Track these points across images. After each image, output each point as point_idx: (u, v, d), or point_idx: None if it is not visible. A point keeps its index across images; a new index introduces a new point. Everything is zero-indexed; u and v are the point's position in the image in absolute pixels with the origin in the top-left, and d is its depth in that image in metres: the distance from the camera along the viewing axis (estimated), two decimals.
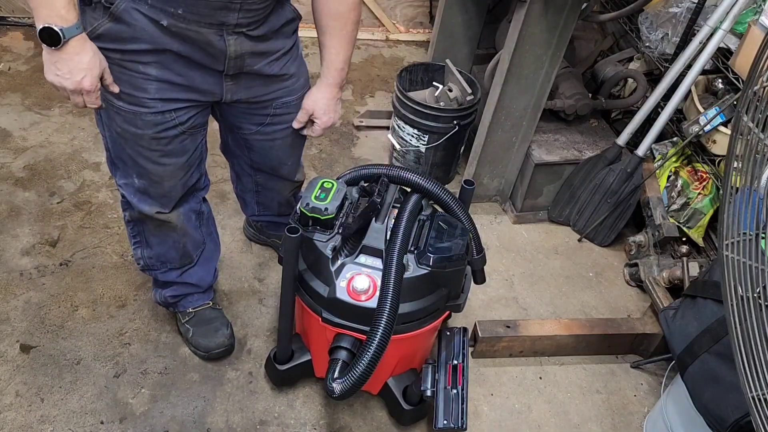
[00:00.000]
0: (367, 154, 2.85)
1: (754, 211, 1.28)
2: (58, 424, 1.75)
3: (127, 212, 1.74)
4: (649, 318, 2.17)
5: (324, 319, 1.60)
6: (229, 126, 1.73)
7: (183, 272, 1.88)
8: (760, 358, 1.21)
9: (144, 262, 1.85)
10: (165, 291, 1.92)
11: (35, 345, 1.92)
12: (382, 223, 1.59)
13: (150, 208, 1.65)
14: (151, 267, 1.86)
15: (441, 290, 1.62)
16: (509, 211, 2.66)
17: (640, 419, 2.02)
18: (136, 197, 1.63)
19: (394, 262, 1.50)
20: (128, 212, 1.73)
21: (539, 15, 2.11)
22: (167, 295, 1.92)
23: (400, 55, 3.56)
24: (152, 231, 1.75)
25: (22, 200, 2.36)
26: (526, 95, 2.34)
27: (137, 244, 1.82)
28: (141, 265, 1.87)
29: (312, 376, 1.88)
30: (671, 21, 2.42)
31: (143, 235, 1.78)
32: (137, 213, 1.69)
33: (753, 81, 1.31)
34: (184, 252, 1.82)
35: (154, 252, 1.81)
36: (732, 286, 1.31)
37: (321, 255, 1.57)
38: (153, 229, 1.75)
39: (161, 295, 1.94)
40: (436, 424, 1.66)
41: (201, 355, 1.95)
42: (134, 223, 1.76)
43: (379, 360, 1.46)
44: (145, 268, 1.87)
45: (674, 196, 2.44)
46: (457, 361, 1.75)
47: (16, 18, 3.22)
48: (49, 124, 2.70)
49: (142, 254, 1.83)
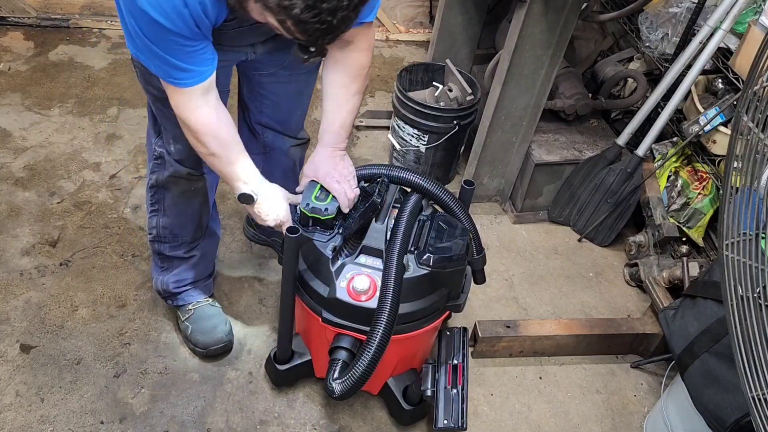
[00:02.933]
0: (367, 154, 2.85)
1: (754, 211, 1.28)
2: (58, 424, 1.76)
3: (155, 174, 1.75)
4: (649, 318, 2.17)
5: (324, 319, 1.60)
6: (247, 69, 1.76)
7: (191, 248, 1.89)
8: (760, 358, 1.21)
9: (157, 232, 1.86)
10: (168, 277, 1.93)
11: (35, 345, 1.92)
12: (382, 224, 1.59)
13: (187, 168, 1.70)
14: (162, 238, 1.87)
15: (441, 290, 1.62)
16: (509, 211, 2.66)
17: (640, 419, 2.02)
18: (174, 157, 1.68)
19: (394, 262, 1.50)
20: (157, 174, 1.75)
21: (539, 15, 2.11)
22: (170, 282, 1.93)
23: (400, 55, 3.56)
24: (175, 198, 1.78)
25: (22, 200, 2.36)
26: (526, 95, 2.34)
27: (154, 212, 1.84)
28: (153, 235, 1.88)
29: (312, 376, 1.88)
30: (671, 21, 2.42)
31: (163, 203, 1.80)
32: (167, 175, 1.71)
33: (753, 81, 1.31)
34: (198, 224, 1.85)
35: (170, 222, 1.83)
36: (732, 286, 1.31)
37: (321, 255, 1.57)
38: (177, 196, 1.77)
39: (163, 282, 1.94)
40: (437, 424, 1.67)
41: (200, 352, 1.95)
42: (157, 188, 1.78)
43: (380, 360, 1.46)
44: (156, 239, 1.88)
45: (674, 196, 2.44)
46: (457, 361, 1.75)
47: (16, 18, 3.22)
48: (49, 124, 2.70)
49: (156, 223, 1.85)
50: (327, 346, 1.63)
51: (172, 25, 1.23)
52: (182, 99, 1.40)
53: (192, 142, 1.50)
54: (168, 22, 1.22)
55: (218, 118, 1.46)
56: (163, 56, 1.29)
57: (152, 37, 1.26)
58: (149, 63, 1.34)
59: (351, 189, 1.61)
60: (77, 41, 3.20)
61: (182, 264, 1.92)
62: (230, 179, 1.54)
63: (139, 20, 1.24)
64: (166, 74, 1.35)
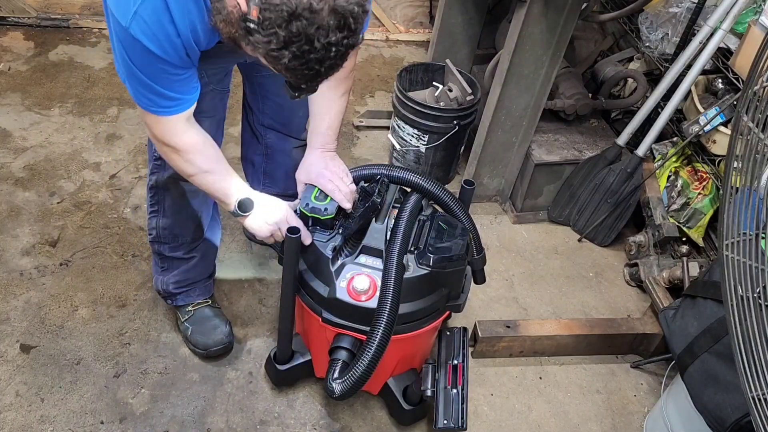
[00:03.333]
0: (367, 154, 2.85)
1: (754, 211, 1.28)
2: (58, 424, 1.76)
3: (155, 175, 1.75)
4: (649, 318, 2.17)
5: (324, 319, 1.60)
6: (249, 70, 1.77)
7: (191, 248, 1.89)
8: (760, 358, 1.22)
9: (156, 233, 1.86)
10: (168, 277, 1.93)
11: (35, 345, 1.92)
12: (382, 224, 1.59)
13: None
14: (161, 239, 1.87)
15: (441, 290, 1.62)
16: (509, 211, 2.66)
17: (640, 419, 2.02)
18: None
19: (394, 262, 1.50)
20: (157, 175, 1.74)
21: (539, 15, 2.11)
22: (170, 282, 1.93)
23: (400, 55, 3.55)
24: (174, 199, 1.77)
25: (22, 200, 2.36)
26: (526, 95, 2.34)
27: (154, 213, 1.83)
28: (153, 236, 1.88)
29: (312, 376, 1.88)
30: (671, 21, 2.42)
31: (163, 203, 1.80)
32: (167, 176, 1.70)
33: (753, 81, 1.31)
34: (198, 224, 1.85)
35: (169, 222, 1.83)
36: (732, 286, 1.31)
37: (321, 255, 1.57)
38: (177, 197, 1.76)
39: (164, 282, 1.94)
40: (437, 424, 1.66)
41: (200, 354, 1.95)
42: (157, 189, 1.77)
43: (380, 360, 1.46)
44: (156, 239, 1.88)
45: (674, 196, 2.44)
46: (457, 361, 1.75)
47: (16, 18, 3.22)
48: (49, 124, 2.70)
49: (156, 224, 1.84)
50: (327, 346, 1.63)
51: (164, 53, 1.25)
52: (167, 128, 1.40)
53: (180, 165, 1.48)
54: (160, 51, 1.24)
55: (204, 137, 1.47)
56: (149, 84, 1.30)
57: (141, 65, 1.27)
58: (134, 91, 1.34)
59: (345, 185, 1.61)
60: (77, 41, 3.20)
61: (182, 265, 1.92)
62: (226, 193, 1.53)
63: (130, 48, 1.25)
64: (150, 103, 1.35)
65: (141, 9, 1.19)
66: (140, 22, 1.20)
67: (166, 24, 1.22)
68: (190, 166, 1.47)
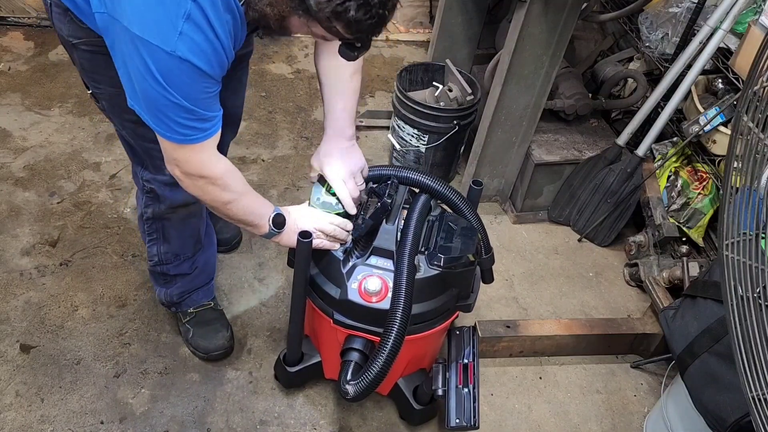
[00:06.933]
0: (367, 154, 2.82)
1: (754, 211, 1.28)
2: (58, 424, 1.76)
3: (150, 208, 1.70)
4: (649, 318, 2.17)
5: (336, 320, 1.59)
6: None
7: (193, 261, 1.87)
8: (760, 358, 1.21)
9: (159, 258, 1.83)
10: (171, 289, 1.91)
11: (35, 345, 1.92)
12: (392, 225, 1.58)
13: (184, 197, 1.61)
14: (165, 262, 1.84)
15: (451, 290, 1.62)
16: (509, 211, 2.66)
17: (640, 419, 2.02)
18: (167, 189, 1.61)
19: (405, 263, 1.49)
20: (152, 208, 1.69)
21: (539, 15, 2.11)
22: (173, 294, 1.91)
23: (400, 55, 3.55)
24: (175, 224, 1.74)
25: (22, 200, 2.36)
26: (526, 95, 2.34)
27: (153, 242, 1.79)
28: (154, 261, 1.84)
29: (321, 377, 1.87)
30: (671, 21, 2.42)
31: (162, 231, 1.76)
32: (165, 207, 1.66)
33: (753, 81, 1.31)
34: (198, 238, 1.82)
35: (171, 246, 1.80)
36: (732, 286, 1.31)
37: (332, 257, 1.57)
38: (177, 222, 1.73)
39: (167, 294, 1.92)
40: (449, 423, 1.64)
41: (200, 356, 1.95)
42: (154, 220, 1.73)
43: (394, 362, 1.46)
44: (159, 263, 1.85)
45: (674, 196, 2.44)
46: (468, 359, 1.74)
47: (16, 18, 3.22)
48: (49, 124, 2.70)
49: (157, 251, 1.81)
50: (338, 348, 1.62)
51: (211, 69, 1.20)
52: (205, 156, 1.32)
53: (217, 195, 1.38)
54: (208, 67, 1.19)
55: (228, 161, 1.41)
56: (192, 109, 1.23)
57: (184, 89, 1.19)
58: (167, 126, 1.24)
59: (355, 188, 1.57)
60: None
61: (186, 277, 1.90)
62: (261, 213, 1.46)
63: (173, 73, 1.17)
64: (189, 132, 1.26)
65: (186, 28, 1.13)
66: (187, 41, 1.14)
67: (212, 39, 1.18)
68: (228, 193, 1.39)
